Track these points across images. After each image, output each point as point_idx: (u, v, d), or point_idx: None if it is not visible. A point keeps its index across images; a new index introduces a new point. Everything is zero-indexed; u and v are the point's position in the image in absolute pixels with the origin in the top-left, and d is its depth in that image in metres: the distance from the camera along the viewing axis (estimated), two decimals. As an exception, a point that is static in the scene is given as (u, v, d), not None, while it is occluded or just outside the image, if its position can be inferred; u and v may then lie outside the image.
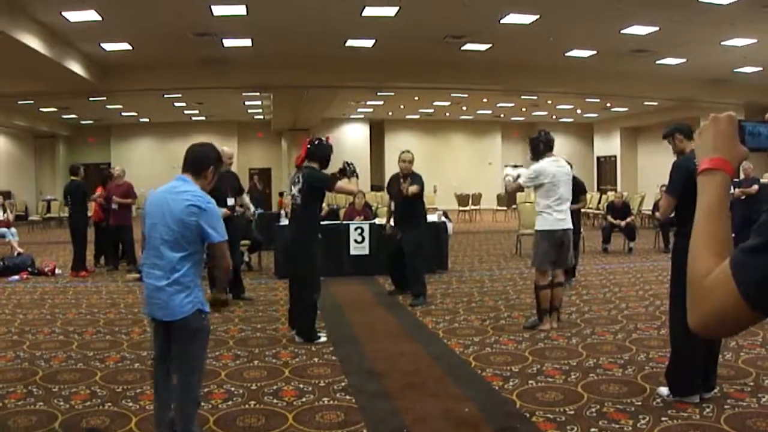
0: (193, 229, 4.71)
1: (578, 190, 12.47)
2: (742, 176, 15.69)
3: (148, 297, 4.87)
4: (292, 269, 8.81)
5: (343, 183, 8.62)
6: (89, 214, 14.83)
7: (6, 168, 34.06)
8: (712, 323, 1.55)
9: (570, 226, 8.70)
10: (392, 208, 11.31)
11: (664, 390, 6.01)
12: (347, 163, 8.80)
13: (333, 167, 8.72)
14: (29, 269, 14.29)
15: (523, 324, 8.94)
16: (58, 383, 6.53)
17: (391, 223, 11.27)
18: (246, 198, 11.72)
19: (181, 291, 4.72)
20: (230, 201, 10.78)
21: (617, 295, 11.19)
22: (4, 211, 17.95)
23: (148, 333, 8.70)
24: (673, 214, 6.11)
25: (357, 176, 8.89)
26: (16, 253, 15.77)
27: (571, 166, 9.28)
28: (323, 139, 8.79)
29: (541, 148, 8.94)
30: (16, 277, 13.79)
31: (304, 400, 6.04)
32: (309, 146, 8.56)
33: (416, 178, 10.71)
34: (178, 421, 4.86)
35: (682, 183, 5.79)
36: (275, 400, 6.02)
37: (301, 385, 6.44)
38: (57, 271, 14.23)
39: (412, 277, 10.91)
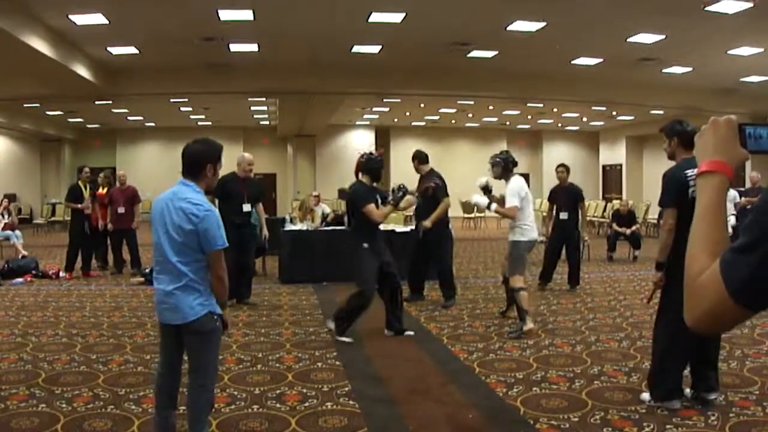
0: (193, 236, 4.69)
1: (577, 198, 12.55)
2: (749, 185, 15.68)
3: (158, 303, 4.86)
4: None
5: (371, 208, 8.59)
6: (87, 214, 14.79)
7: (11, 171, 34.15)
8: (704, 320, 1.61)
9: None
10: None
11: (645, 395, 6.04)
12: (397, 188, 9.00)
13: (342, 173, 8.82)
14: (33, 272, 14.32)
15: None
16: (60, 385, 6.54)
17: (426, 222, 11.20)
18: (261, 209, 11.75)
19: (191, 294, 4.71)
20: (246, 207, 10.86)
21: (622, 302, 11.17)
22: (9, 214, 17.99)
23: (151, 336, 8.74)
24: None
25: (404, 193, 9.04)
26: (20, 256, 15.80)
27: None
28: (374, 153, 8.95)
29: (510, 167, 9.58)
30: (20, 279, 13.82)
31: (307, 404, 6.03)
32: (361, 160, 8.73)
33: (432, 178, 10.95)
34: (191, 425, 4.86)
35: (677, 193, 5.76)
36: (278, 405, 6.02)
37: (305, 390, 6.43)
38: (61, 274, 14.23)
39: (445, 279, 11.13)
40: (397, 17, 14.76)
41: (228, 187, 10.90)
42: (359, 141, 37.05)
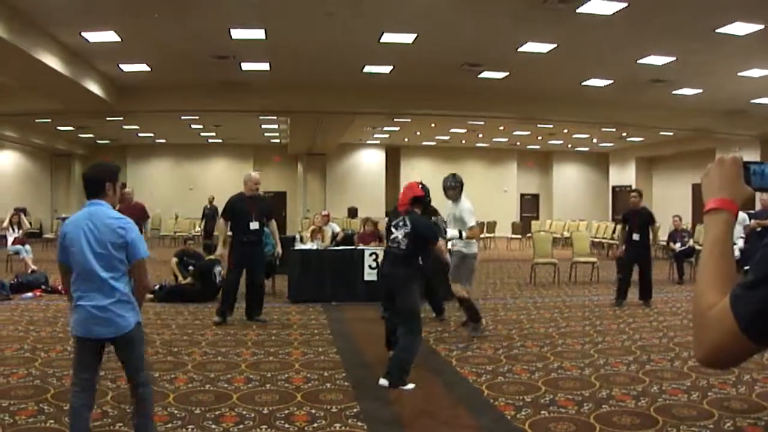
0: (122, 248, 4.96)
1: (648, 220, 13.28)
2: (759, 207, 15.65)
3: (87, 319, 4.97)
4: (395, 305, 8.30)
5: (442, 244, 9.00)
6: None
7: (22, 185, 34.36)
8: (714, 355, 1.64)
9: None
10: None
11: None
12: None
13: (352, 192, 8.88)
14: (43, 287, 14.32)
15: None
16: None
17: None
18: (274, 225, 11.80)
19: (124, 307, 5.00)
20: (253, 225, 10.94)
21: (631, 326, 11.13)
22: (19, 228, 18.05)
23: (160, 354, 8.76)
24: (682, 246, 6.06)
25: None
26: (30, 271, 15.83)
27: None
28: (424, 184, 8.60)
29: (461, 189, 10.37)
30: (30, 294, 13.83)
31: (315, 425, 6.02)
32: (422, 190, 8.39)
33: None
34: (146, 418, 5.24)
35: None
36: (287, 425, 6.01)
37: (313, 410, 6.42)
38: (71, 290, 14.20)
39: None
40: (408, 38, 14.85)
41: (236, 206, 11.11)
42: (370, 160, 37.12)
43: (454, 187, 10.30)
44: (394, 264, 8.12)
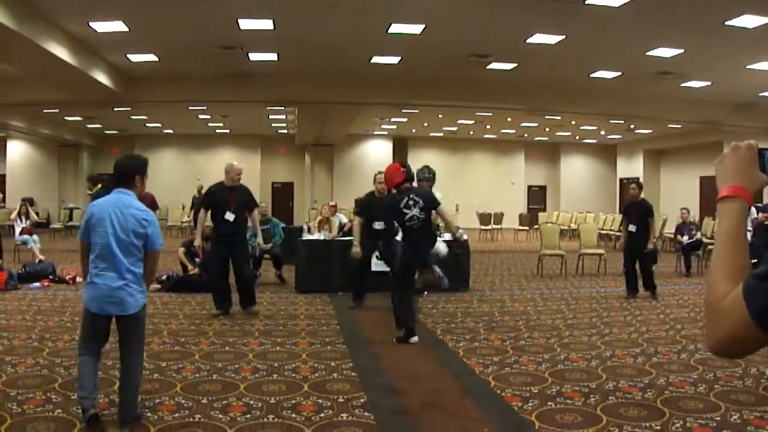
0: (142, 238, 5.58)
1: (647, 213, 13.18)
2: (767, 200, 15.61)
3: (101, 296, 5.52)
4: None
5: (444, 208, 9.75)
6: None
7: (29, 175, 34.49)
8: (725, 344, 1.64)
9: None
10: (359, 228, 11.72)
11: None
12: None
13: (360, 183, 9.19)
14: (50, 277, 14.37)
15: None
16: (76, 391, 6.56)
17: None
18: (256, 215, 11.65)
19: (134, 288, 5.57)
20: (228, 216, 10.78)
21: (638, 318, 11.13)
22: (27, 218, 18.09)
23: (168, 344, 8.80)
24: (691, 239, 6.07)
25: None
26: (36, 261, 15.88)
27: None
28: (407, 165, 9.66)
29: (434, 181, 11.01)
30: (38, 284, 13.87)
31: (322, 415, 6.04)
32: (405, 170, 9.41)
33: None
34: (130, 398, 5.70)
35: None
36: (294, 415, 6.03)
37: (320, 400, 6.44)
38: (78, 279, 14.21)
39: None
40: (416, 28, 14.84)
41: (215, 196, 11.01)
42: (377, 151, 37.09)
43: (428, 179, 10.78)
44: (423, 237, 9.38)
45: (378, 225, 11.38)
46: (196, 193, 27.16)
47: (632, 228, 13.42)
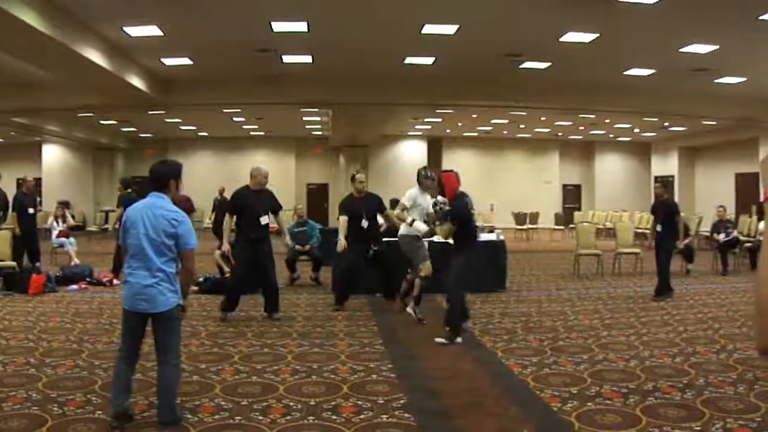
0: (173, 237, 5.74)
1: (673, 212, 13.01)
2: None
3: (134, 294, 5.71)
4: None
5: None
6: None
7: (65, 179, 34.85)
8: None
9: None
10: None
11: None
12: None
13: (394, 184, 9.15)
14: (87, 279, 14.55)
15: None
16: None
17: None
18: (282, 217, 11.62)
19: (166, 287, 5.71)
20: (264, 219, 10.79)
21: (675, 317, 11.06)
22: (64, 221, 18.27)
23: (206, 345, 8.89)
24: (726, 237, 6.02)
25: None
26: (72, 263, 16.03)
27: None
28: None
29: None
30: (75, 286, 14.05)
31: (362, 416, 6.07)
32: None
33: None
34: (165, 397, 5.82)
35: None
36: (334, 416, 6.06)
37: (360, 402, 6.47)
38: (115, 282, 14.30)
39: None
40: (450, 29, 14.86)
41: (242, 201, 10.86)
42: (411, 151, 37.04)
43: (431, 178, 10.61)
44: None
45: (365, 223, 11.83)
46: (218, 196, 26.96)
47: (658, 227, 13.45)
